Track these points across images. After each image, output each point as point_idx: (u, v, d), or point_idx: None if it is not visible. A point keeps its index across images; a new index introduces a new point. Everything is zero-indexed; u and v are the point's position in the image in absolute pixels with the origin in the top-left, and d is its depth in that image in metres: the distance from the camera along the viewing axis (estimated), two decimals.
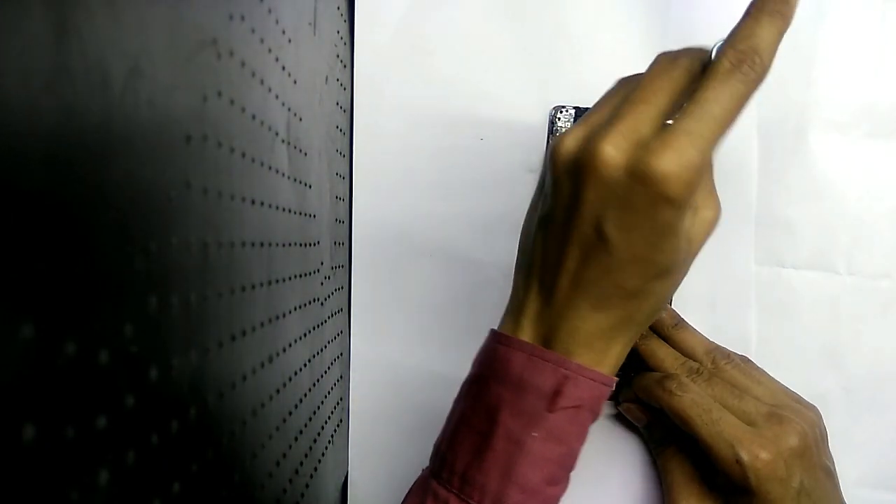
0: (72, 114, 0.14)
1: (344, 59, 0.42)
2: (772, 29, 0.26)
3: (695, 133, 0.25)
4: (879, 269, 0.41)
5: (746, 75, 0.26)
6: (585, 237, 0.27)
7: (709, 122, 0.25)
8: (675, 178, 0.25)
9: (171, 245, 0.19)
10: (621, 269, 0.27)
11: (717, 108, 0.26)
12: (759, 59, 0.26)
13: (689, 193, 0.25)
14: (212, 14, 0.21)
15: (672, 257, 0.27)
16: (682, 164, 0.25)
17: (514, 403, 0.28)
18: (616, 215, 0.26)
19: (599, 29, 0.42)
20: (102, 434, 0.15)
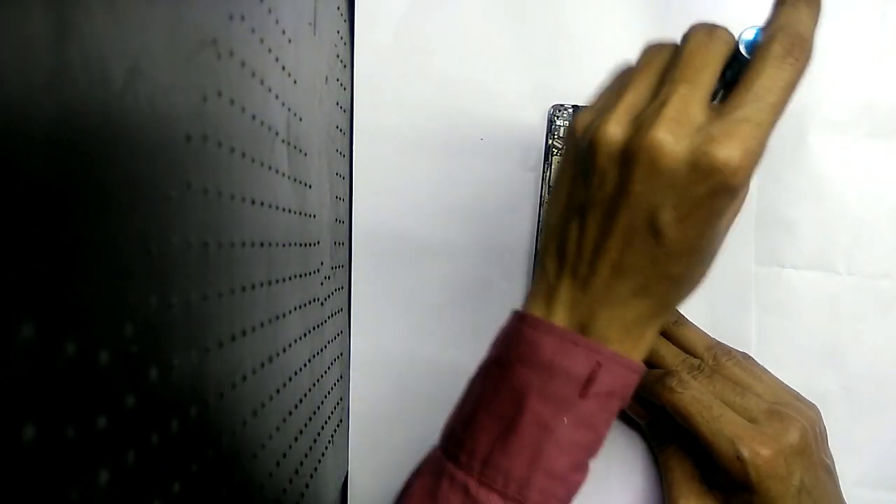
0: (72, 114, 0.14)
1: (344, 59, 0.42)
2: (813, 16, 0.26)
3: (754, 121, 0.25)
4: (879, 268, 0.41)
5: (798, 61, 0.25)
6: (634, 227, 0.26)
7: (767, 110, 0.25)
8: (739, 168, 0.24)
9: (171, 245, 0.19)
10: (670, 259, 0.27)
11: (773, 95, 0.25)
12: (808, 46, 0.26)
13: (749, 182, 0.25)
14: (212, 14, 0.21)
15: (719, 243, 0.27)
16: (747, 153, 0.24)
17: (544, 388, 0.28)
18: (673, 206, 0.25)
19: (599, 29, 0.42)
20: (102, 434, 0.15)
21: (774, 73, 0.25)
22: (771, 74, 0.25)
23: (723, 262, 0.43)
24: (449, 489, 0.28)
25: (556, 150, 0.42)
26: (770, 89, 0.25)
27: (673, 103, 0.26)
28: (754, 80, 0.25)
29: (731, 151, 0.24)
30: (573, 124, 0.29)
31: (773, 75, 0.25)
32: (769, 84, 0.25)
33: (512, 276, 0.43)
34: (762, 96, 0.25)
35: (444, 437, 0.31)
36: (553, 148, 0.42)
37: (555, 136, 0.42)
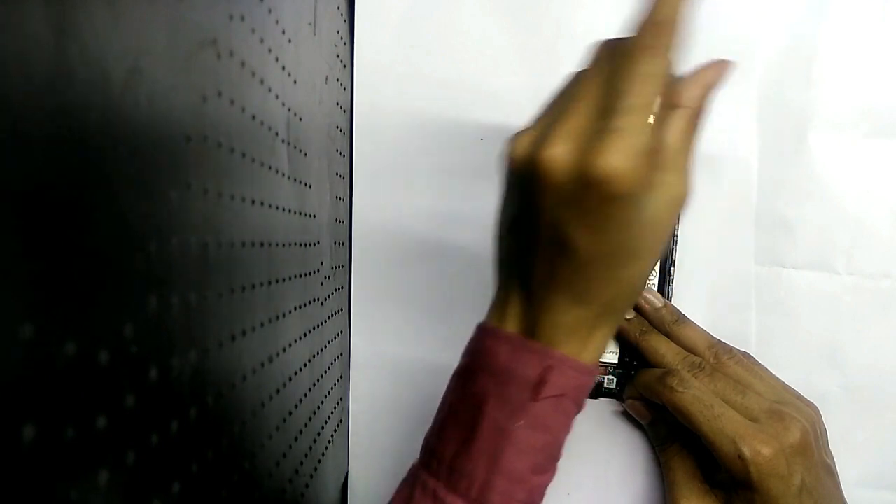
0: (72, 114, 0.14)
1: (344, 59, 0.42)
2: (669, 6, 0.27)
3: (622, 128, 0.25)
4: (880, 268, 0.41)
5: (657, 49, 0.26)
6: (549, 241, 0.27)
7: (632, 113, 0.25)
8: (618, 175, 0.25)
9: (171, 245, 0.19)
10: (590, 266, 0.27)
11: (639, 97, 0.26)
12: (666, 32, 0.27)
13: (639, 185, 0.25)
14: (212, 14, 0.21)
15: (638, 244, 0.27)
16: (621, 160, 0.25)
17: (500, 394, 0.29)
18: (572, 218, 0.26)
19: (599, 29, 0.42)
20: (102, 434, 0.15)
21: (635, 70, 0.26)
22: (629, 78, 0.26)
23: (723, 262, 0.43)
24: (422, 496, 0.30)
25: None
26: (630, 92, 0.26)
27: (565, 120, 0.27)
28: (619, 86, 0.26)
29: (607, 161, 0.25)
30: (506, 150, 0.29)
31: (631, 79, 0.26)
32: (628, 88, 0.26)
33: None
34: (626, 101, 0.25)
35: (422, 447, 0.32)
36: None
37: None
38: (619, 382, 0.42)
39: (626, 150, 0.25)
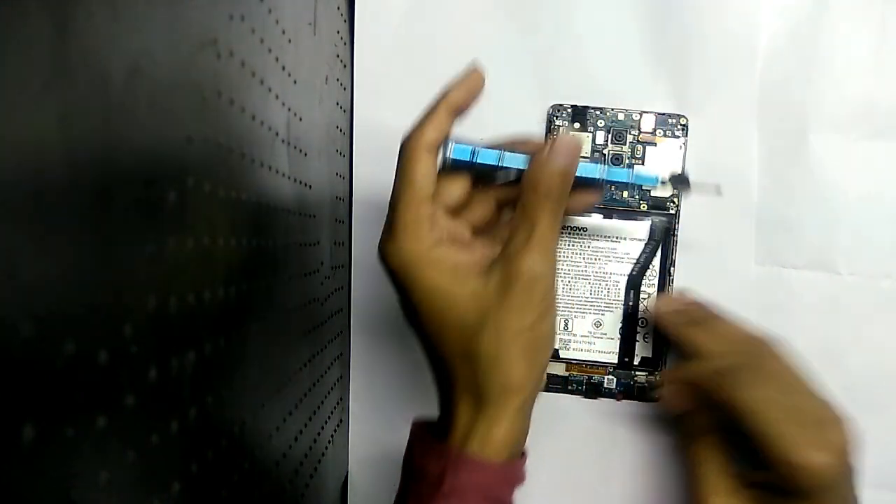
0: (72, 114, 0.14)
1: (344, 59, 0.42)
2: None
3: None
4: (880, 269, 0.41)
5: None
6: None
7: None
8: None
9: (170, 245, 0.19)
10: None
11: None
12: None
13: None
14: (212, 14, 0.21)
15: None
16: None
17: (416, 489, 0.31)
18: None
19: (599, 29, 0.42)
20: (102, 434, 0.15)
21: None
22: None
23: (723, 262, 0.43)
24: None
25: None
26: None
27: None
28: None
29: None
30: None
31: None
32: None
33: None
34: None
35: None
36: None
37: (555, 135, 0.42)
38: (618, 382, 0.42)
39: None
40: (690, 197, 0.38)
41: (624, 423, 0.43)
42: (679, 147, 0.42)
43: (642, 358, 0.42)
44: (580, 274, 0.42)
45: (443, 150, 0.32)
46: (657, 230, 0.42)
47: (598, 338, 0.42)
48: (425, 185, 0.31)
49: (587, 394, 0.43)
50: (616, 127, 0.42)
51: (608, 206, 0.42)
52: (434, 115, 0.32)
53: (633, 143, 0.42)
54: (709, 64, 0.42)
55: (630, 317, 0.42)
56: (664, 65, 0.42)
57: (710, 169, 0.42)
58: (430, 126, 0.31)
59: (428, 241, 0.31)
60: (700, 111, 0.42)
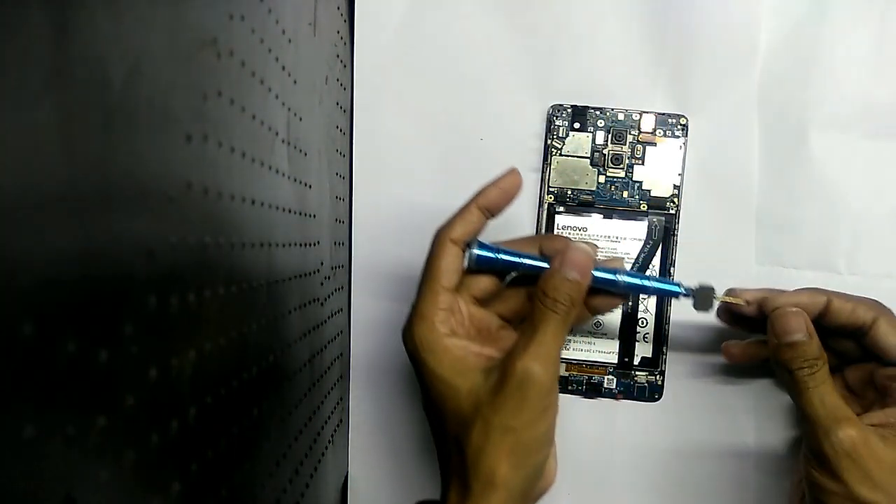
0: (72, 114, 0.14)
1: (344, 59, 0.42)
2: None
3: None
4: (881, 268, 0.41)
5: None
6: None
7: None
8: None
9: (171, 245, 0.19)
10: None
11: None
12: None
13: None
14: (212, 14, 0.21)
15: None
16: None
17: None
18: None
19: (599, 29, 0.42)
20: (102, 434, 0.15)
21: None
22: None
23: (723, 262, 0.43)
24: None
25: (556, 150, 0.42)
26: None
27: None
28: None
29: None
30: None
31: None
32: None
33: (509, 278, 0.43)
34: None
35: None
36: (553, 148, 0.42)
37: (554, 136, 0.42)
38: (618, 382, 0.42)
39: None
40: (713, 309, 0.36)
41: (624, 423, 0.43)
42: (679, 147, 0.42)
43: (642, 358, 0.42)
44: None
45: (468, 251, 0.33)
46: (657, 230, 0.42)
47: (598, 338, 0.43)
48: (446, 277, 0.32)
49: (587, 394, 0.43)
50: (616, 127, 0.42)
51: (608, 206, 0.42)
52: (465, 212, 0.34)
53: (633, 143, 0.42)
54: (709, 64, 0.42)
55: (630, 317, 0.42)
56: (664, 65, 0.42)
57: (710, 169, 0.42)
58: (459, 221, 0.33)
59: (440, 331, 0.32)
60: (700, 111, 0.42)
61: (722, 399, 0.42)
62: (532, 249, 0.34)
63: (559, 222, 0.42)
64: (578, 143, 0.42)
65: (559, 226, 0.42)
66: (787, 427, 0.42)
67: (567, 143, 0.42)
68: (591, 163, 0.42)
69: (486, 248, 0.33)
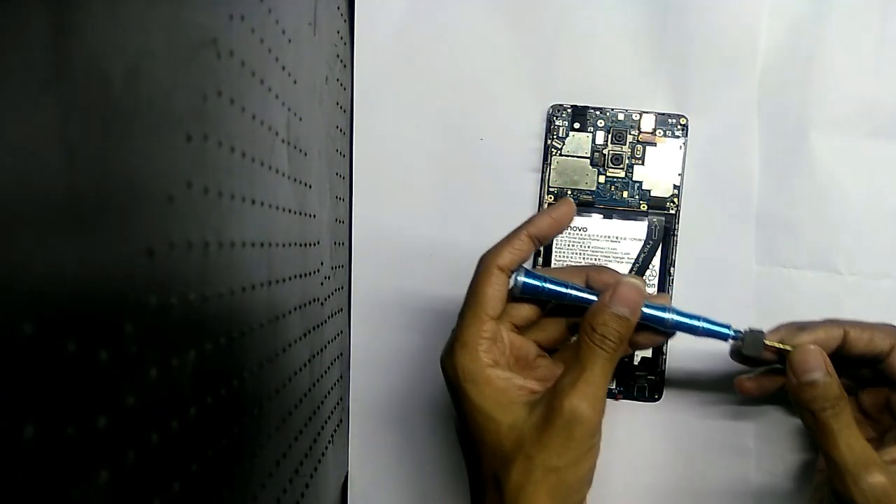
0: (72, 114, 0.14)
1: (344, 59, 0.42)
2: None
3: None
4: (881, 268, 0.41)
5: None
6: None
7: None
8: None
9: (171, 245, 0.19)
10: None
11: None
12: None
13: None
14: (212, 14, 0.21)
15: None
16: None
17: None
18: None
19: (599, 29, 0.42)
20: (102, 434, 0.15)
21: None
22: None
23: (723, 262, 0.43)
24: None
25: (556, 150, 0.42)
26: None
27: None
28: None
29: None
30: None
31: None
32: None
33: None
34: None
35: None
36: (553, 148, 0.42)
37: (554, 136, 0.42)
38: (618, 382, 0.42)
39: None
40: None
41: (624, 423, 0.43)
42: (679, 147, 0.42)
43: (642, 358, 0.42)
44: None
45: (515, 278, 0.32)
46: (657, 230, 0.42)
47: None
48: (492, 305, 0.32)
49: None
50: (616, 127, 0.42)
51: (608, 206, 0.42)
52: (514, 239, 0.32)
53: (633, 143, 0.42)
54: (709, 64, 0.42)
55: None
56: (664, 65, 0.42)
57: (710, 169, 0.42)
58: (508, 248, 0.32)
59: (484, 361, 0.31)
60: (700, 111, 0.42)
61: (722, 399, 0.42)
62: (578, 280, 0.33)
63: None
64: (578, 143, 0.42)
65: None
66: (787, 427, 0.42)
67: (567, 143, 0.42)
68: (591, 163, 0.42)
69: (532, 276, 0.33)
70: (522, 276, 0.32)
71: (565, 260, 0.42)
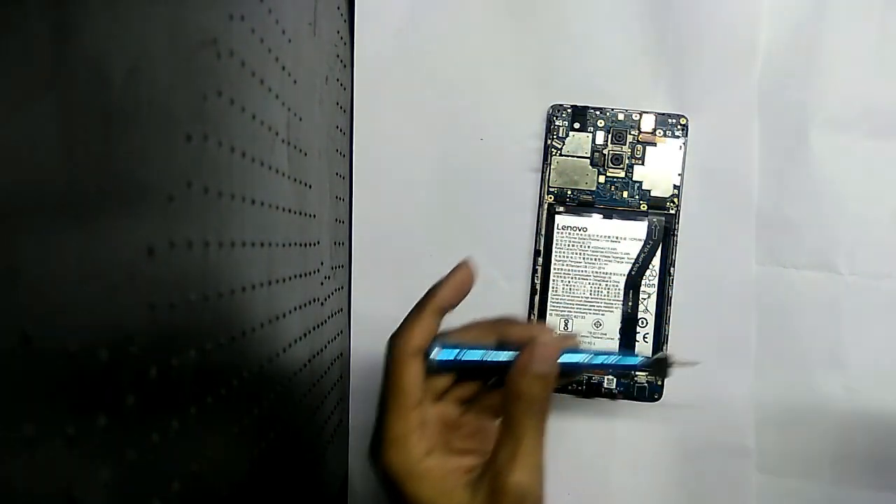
0: (72, 114, 0.14)
1: (344, 59, 0.42)
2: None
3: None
4: (881, 268, 0.41)
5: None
6: None
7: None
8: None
9: (171, 244, 0.19)
10: None
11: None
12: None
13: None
14: (212, 14, 0.21)
15: None
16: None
17: None
18: None
19: (599, 29, 0.43)
20: (103, 433, 0.15)
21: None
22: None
23: (723, 262, 0.43)
24: None
25: (556, 150, 0.42)
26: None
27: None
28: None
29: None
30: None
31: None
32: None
33: (512, 276, 0.43)
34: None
35: None
36: (553, 148, 0.42)
37: (554, 136, 0.42)
38: (618, 382, 0.42)
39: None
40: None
41: (623, 423, 0.43)
42: (679, 147, 0.42)
43: None
44: (580, 274, 0.42)
45: (429, 357, 0.31)
46: (657, 230, 0.42)
47: (598, 338, 0.42)
48: (414, 392, 0.30)
49: (586, 394, 0.43)
50: (616, 127, 0.42)
51: (608, 206, 0.42)
52: (421, 319, 0.31)
53: (633, 143, 0.42)
54: (709, 64, 0.42)
55: (630, 317, 0.42)
56: (664, 65, 0.42)
57: (710, 169, 0.42)
58: (418, 330, 0.31)
59: (417, 453, 0.30)
60: (700, 111, 0.42)
61: (722, 399, 0.42)
62: (491, 336, 0.32)
63: (559, 222, 0.42)
64: (578, 143, 0.42)
65: (559, 226, 0.42)
66: (787, 427, 0.42)
67: (567, 143, 0.42)
68: (591, 163, 0.42)
69: (446, 350, 0.31)
70: (436, 354, 0.31)
71: (565, 260, 0.42)
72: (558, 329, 0.32)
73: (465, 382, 0.33)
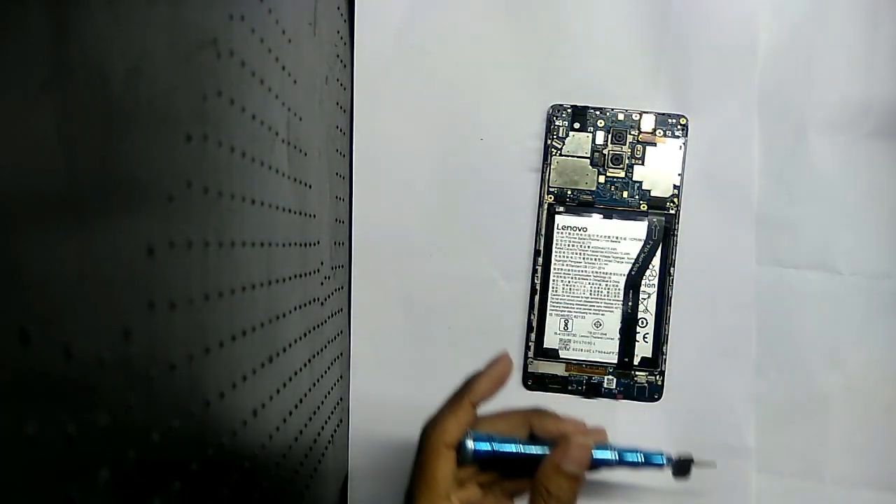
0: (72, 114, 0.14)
1: (344, 59, 0.42)
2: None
3: None
4: (881, 268, 0.41)
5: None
6: None
7: None
8: None
9: (171, 244, 0.19)
10: None
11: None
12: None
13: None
14: (212, 14, 0.21)
15: None
16: None
17: None
18: None
19: (599, 29, 0.43)
20: (103, 433, 0.15)
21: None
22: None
23: (723, 262, 0.43)
24: None
25: (556, 150, 0.42)
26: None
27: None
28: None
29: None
30: None
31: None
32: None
33: (512, 276, 0.43)
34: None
35: None
36: (553, 148, 0.42)
37: (554, 136, 0.42)
38: (618, 382, 0.42)
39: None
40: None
41: (624, 423, 0.43)
42: (679, 147, 0.42)
43: (642, 358, 0.42)
44: (580, 274, 0.42)
45: (464, 448, 0.31)
46: (657, 230, 0.42)
47: (597, 338, 0.43)
48: (445, 484, 0.30)
49: (587, 394, 0.43)
50: (616, 127, 0.42)
51: (608, 206, 0.42)
52: (458, 409, 0.31)
53: (633, 143, 0.42)
54: (709, 64, 0.42)
55: (630, 317, 0.42)
56: (664, 65, 0.42)
57: (710, 169, 0.42)
58: (454, 421, 0.31)
59: None
60: (700, 111, 0.42)
61: (722, 399, 0.42)
62: (522, 427, 0.32)
63: (559, 222, 0.42)
64: (578, 143, 0.42)
65: (559, 226, 0.42)
66: (787, 427, 0.42)
67: (567, 143, 0.42)
68: (591, 163, 0.42)
69: (481, 441, 0.31)
70: (471, 444, 0.31)
71: (565, 260, 0.42)
72: (584, 426, 0.33)
73: (491, 470, 0.33)
